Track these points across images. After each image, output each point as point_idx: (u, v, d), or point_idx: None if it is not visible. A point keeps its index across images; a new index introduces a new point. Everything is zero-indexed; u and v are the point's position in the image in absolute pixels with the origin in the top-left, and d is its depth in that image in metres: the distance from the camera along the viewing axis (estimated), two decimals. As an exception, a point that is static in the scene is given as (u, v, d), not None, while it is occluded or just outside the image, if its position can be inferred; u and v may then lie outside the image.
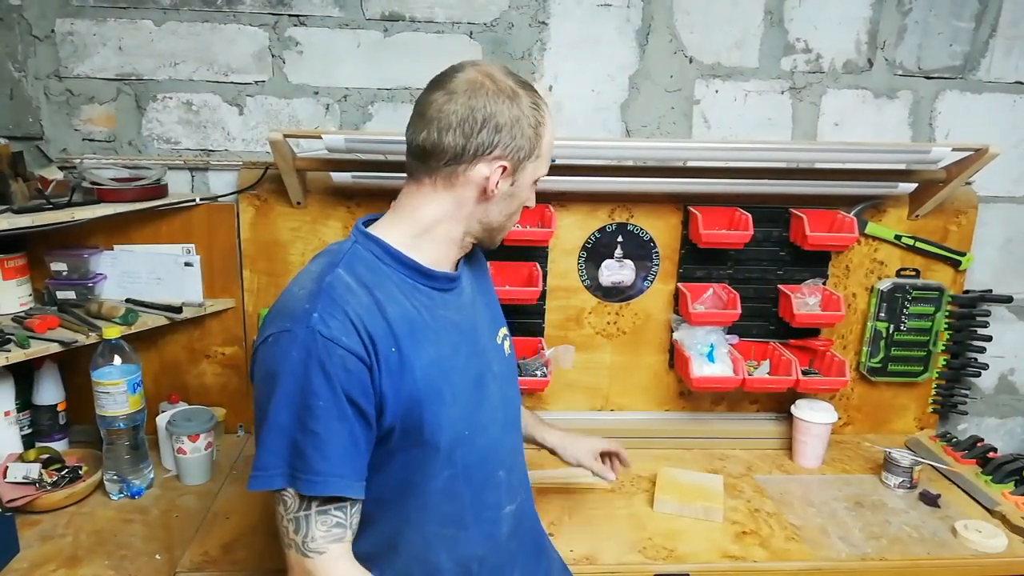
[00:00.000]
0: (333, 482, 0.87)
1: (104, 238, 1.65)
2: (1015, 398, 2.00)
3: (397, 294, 0.95)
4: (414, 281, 0.98)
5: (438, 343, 0.97)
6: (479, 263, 1.18)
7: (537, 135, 0.98)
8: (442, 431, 0.95)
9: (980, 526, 1.43)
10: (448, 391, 0.96)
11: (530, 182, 1.02)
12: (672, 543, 1.38)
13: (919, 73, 1.77)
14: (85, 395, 1.48)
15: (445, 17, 1.66)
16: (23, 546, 1.30)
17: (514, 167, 0.97)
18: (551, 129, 1.01)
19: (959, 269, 1.79)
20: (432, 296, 1.00)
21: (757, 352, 1.81)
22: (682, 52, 1.72)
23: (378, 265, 0.96)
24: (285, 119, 1.69)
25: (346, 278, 0.92)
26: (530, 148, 0.98)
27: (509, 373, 1.14)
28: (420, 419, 0.93)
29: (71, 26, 1.61)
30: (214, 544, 1.33)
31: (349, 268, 0.94)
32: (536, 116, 0.97)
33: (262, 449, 0.88)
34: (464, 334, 1.03)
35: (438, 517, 1.00)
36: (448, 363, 0.98)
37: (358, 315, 0.89)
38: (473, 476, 1.02)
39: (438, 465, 0.97)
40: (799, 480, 1.65)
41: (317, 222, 1.68)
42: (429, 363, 0.94)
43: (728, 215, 1.71)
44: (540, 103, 0.99)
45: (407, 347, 0.92)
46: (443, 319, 0.99)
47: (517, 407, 1.17)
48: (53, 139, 1.67)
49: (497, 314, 1.17)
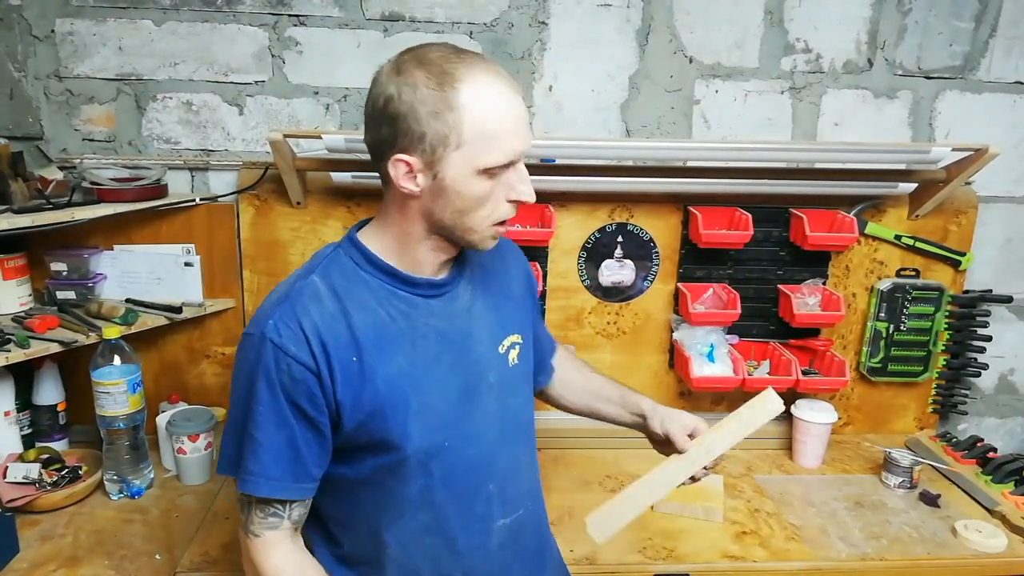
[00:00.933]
0: (262, 483, 0.92)
1: (104, 238, 1.65)
2: (1015, 398, 2.00)
3: (370, 302, 0.94)
4: (393, 287, 0.96)
5: (413, 351, 0.95)
6: (500, 266, 1.10)
7: (445, 121, 0.85)
8: (409, 440, 0.94)
9: (980, 526, 1.43)
10: (417, 401, 0.94)
11: (468, 173, 0.88)
12: (672, 543, 1.38)
13: (919, 73, 1.77)
14: (85, 395, 1.48)
15: (445, 17, 1.66)
16: (23, 546, 1.30)
17: (426, 161, 0.87)
18: (485, 108, 0.86)
19: (959, 269, 1.79)
20: (414, 303, 0.97)
21: (757, 352, 1.81)
22: (682, 52, 1.72)
23: (356, 272, 0.96)
24: (285, 119, 1.69)
25: (318, 285, 0.93)
26: (441, 137, 0.85)
27: (512, 383, 1.07)
28: (384, 427, 0.93)
29: (71, 26, 1.61)
30: (214, 544, 1.32)
31: (324, 275, 0.94)
32: (438, 99, 0.85)
33: (223, 438, 0.97)
34: (450, 343, 0.99)
35: (416, 525, 0.98)
36: (422, 372, 0.95)
37: (314, 325, 0.90)
38: (456, 487, 0.99)
39: (410, 474, 0.96)
40: (799, 480, 1.65)
41: (317, 222, 1.68)
42: (397, 372, 0.93)
43: (728, 215, 1.71)
44: (448, 82, 0.85)
45: (370, 356, 0.92)
46: (425, 326, 0.97)
47: (522, 418, 1.10)
48: (53, 139, 1.67)
49: (508, 321, 1.07)
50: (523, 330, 1.10)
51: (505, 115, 0.87)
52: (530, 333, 1.13)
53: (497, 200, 0.92)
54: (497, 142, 0.87)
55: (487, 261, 1.08)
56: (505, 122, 0.87)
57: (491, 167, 0.88)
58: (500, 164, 0.89)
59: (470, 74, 0.86)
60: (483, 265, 1.07)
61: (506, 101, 0.88)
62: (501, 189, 0.91)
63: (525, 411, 1.11)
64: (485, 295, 1.05)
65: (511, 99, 0.88)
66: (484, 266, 1.07)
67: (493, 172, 0.89)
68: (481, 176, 0.89)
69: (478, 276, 1.06)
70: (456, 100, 0.85)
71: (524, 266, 1.18)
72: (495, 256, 1.06)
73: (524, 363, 1.09)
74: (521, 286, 1.14)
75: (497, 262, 1.10)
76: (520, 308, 1.12)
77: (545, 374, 1.25)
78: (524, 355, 1.09)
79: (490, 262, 1.08)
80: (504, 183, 0.91)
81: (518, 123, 0.89)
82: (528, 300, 1.16)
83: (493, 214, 0.93)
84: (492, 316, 1.05)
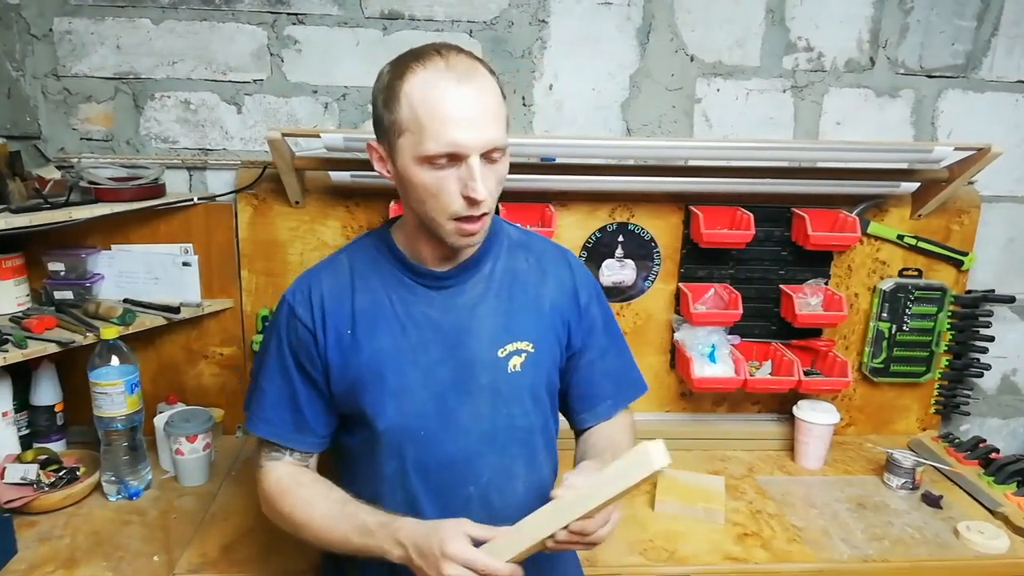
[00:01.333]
0: (261, 425, 1.07)
1: (102, 238, 1.64)
2: (1018, 399, 1.99)
3: (377, 284, 1.04)
4: (402, 274, 1.05)
5: (401, 334, 1.03)
6: (535, 277, 1.10)
7: (392, 109, 0.91)
8: (381, 417, 1.01)
9: (982, 527, 1.42)
10: (395, 381, 1.01)
11: (411, 160, 0.92)
12: (673, 544, 1.37)
13: (921, 72, 1.76)
14: (83, 396, 1.47)
15: (445, 15, 1.65)
16: (21, 547, 1.29)
17: (386, 148, 0.96)
18: (422, 97, 0.89)
19: (961, 269, 1.79)
20: (415, 291, 1.04)
21: (759, 352, 1.80)
22: (683, 50, 1.71)
23: (376, 256, 1.07)
24: (283, 118, 1.69)
25: (342, 262, 1.07)
26: (391, 124, 0.93)
27: (512, 391, 1.05)
28: (361, 400, 1.02)
29: (69, 25, 1.60)
30: (212, 545, 1.32)
31: (351, 254, 1.08)
32: (389, 89, 0.92)
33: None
34: (442, 334, 1.03)
35: (394, 503, 1.02)
36: (406, 355, 1.02)
37: (322, 295, 1.04)
38: (431, 480, 1.02)
39: (384, 452, 1.03)
40: (801, 481, 1.64)
41: (316, 221, 1.67)
42: (380, 350, 1.02)
43: (730, 214, 1.70)
44: (399, 74, 0.91)
45: (362, 332, 1.02)
46: (419, 314, 1.03)
47: (522, 429, 1.07)
48: (51, 138, 1.66)
49: (518, 327, 1.06)
50: (538, 342, 1.07)
51: (442, 106, 0.89)
52: (551, 349, 1.10)
53: (451, 194, 0.93)
54: (432, 131, 0.89)
55: (522, 269, 1.10)
56: (441, 112, 0.89)
57: (429, 155, 0.90)
58: (437, 154, 0.90)
59: (421, 66, 0.90)
60: (514, 271, 1.09)
61: (448, 93, 0.89)
62: (453, 183, 0.92)
63: (528, 423, 1.08)
64: (499, 298, 1.06)
65: (452, 90, 0.89)
66: (515, 273, 1.09)
67: (434, 161, 0.91)
68: (423, 165, 0.92)
69: (503, 280, 1.07)
70: (401, 89, 0.91)
71: (570, 288, 1.13)
72: (534, 267, 1.11)
73: (530, 374, 1.07)
74: (555, 304, 1.11)
75: (534, 274, 1.10)
76: (542, 321, 1.09)
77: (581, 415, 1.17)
78: (531, 366, 1.07)
79: (525, 272, 1.10)
80: (455, 177, 0.92)
81: (461, 115, 0.89)
82: (555, 318, 1.11)
83: (447, 208, 0.94)
84: (499, 319, 1.05)
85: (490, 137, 0.91)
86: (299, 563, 1.27)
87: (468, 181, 0.91)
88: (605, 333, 1.17)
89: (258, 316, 1.69)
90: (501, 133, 0.93)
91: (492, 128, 0.91)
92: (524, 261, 1.11)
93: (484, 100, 0.91)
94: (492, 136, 0.91)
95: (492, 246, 1.08)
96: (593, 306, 1.15)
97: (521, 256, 1.11)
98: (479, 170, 0.91)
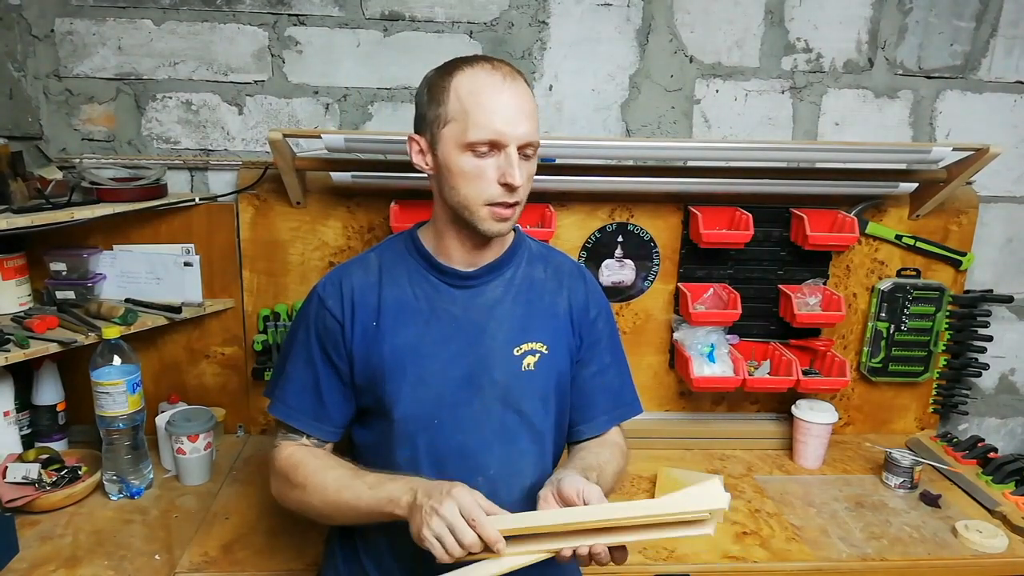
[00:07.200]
0: (281, 408, 1.11)
1: (103, 238, 1.65)
2: (1016, 398, 2.00)
3: (404, 281, 1.10)
4: (427, 271, 1.10)
5: (425, 328, 1.07)
6: (552, 286, 1.14)
7: (439, 103, 1.00)
8: (396, 406, 1.05)
9: (981, 526, 1.42)
10: (415, 371, 1.05)
11: (454, 148, 1.00)
12: (672, 543, 1.38)
13: (920, 73, 1.77)
14: (84, 395, 1.47)
15: (445, 16, 1.66)
16: (22, 546, 1.30)
17: (429, 140, 1.03)
18: (468, 90, 0.98)
19: (960, 269, 1.79)
20: (439, 288, 1.10)
21: (758, 352, 1.81)
22: (682, 51, 1.71)
23: (404, 254, 1.12)
24: (285, 119, 1.69)
25: (372, 260, 1.13)
26: (436, 117, 1.01)
27: (525, 388, 1.08)
28: (382, 390, 1.06)
29: (70, 25, 1.61)
30: (214, 544, 1.32)
31: (380, 252, 1.14)
32: (436, 86, 1.01)
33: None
34: (462, 330, 1.08)
35: None
36: (428, 348, 1.06)
37: (352, 288, 1.09)
38: (442, 468, 1.04)
39: (397, 441, 1.06)
40: (799, 480, 1.64)
41: (317, 222, 1.68)
42: (403, 343, 1.06)
43: (729, 215, 1.71)
44: (447, 72, 1.01)
45: (387, 324, 1.07)
46: (442, 310, 1.08)
47: (528, 426, 1.09)
48: (52, 139, 1.66)
49: (534, 328, 1.10)
50: (552, 344, 1.12)
51: (488, 99, 0.98)
52: (563, 354, 1.13)
53: (488, 180, 1.00)
54: (476, 120, 0.98)
55: (540, 278, 1.15)
56: (487, 104, 0.98)
57: (472, 142, 0.98)
58: (481, 140, 0.98)
59: (467, 65, 1.01)
60: (532, 279, 1.14)
61: (494, 88, 0.99)
62: (491, 171, 1.00)
63: (537, 421, 1.10)
64: (517, 301, 1.11)
65: (499, 87, 0.99)
66: (533, 280, 1.14)
67: (476, 148, 0.99)
68: (466, 152, 0.99)
69: (522, 285, 1.13)
70: (450, 84, 1.00)
71: (582, 301, 1.16)
72: (552, 277, 1.16)
73: (543, 374, 1.10)
74: (568, 313, 1.15)
75: (551, 283, 1.16)
76: (557, 326, 1.13)
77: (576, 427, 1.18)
78: (544, 366, 1.10)
79: (543, 280, 1.15)
80: (494, 165, 1.00)
81: (504, 109, 0.98)
82: (568, 326, 1.15)
83: (484, 193, 1.01)
84: (516, 320, 1.10)
85: (528, 131, 1.00)
86: (299, 562, 1.28)
87: (507, 168, 0.99)
88: (609, 350, 1.20)
89: (259, 316, 1.69)
90: (536, 132, 1.02)
91: (530, 124, 1.01)
92: (543, 271, 1.16)
93: (524, 99, 1.01)
94: (530, 131, 1.00)
95: (515, 255, 1.15)
96: (601, 322, 1.19)
97: (540, 266, 1.17)
98: (516, 159, 0.99)
